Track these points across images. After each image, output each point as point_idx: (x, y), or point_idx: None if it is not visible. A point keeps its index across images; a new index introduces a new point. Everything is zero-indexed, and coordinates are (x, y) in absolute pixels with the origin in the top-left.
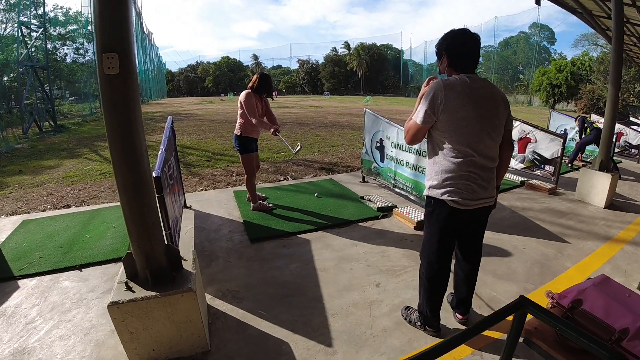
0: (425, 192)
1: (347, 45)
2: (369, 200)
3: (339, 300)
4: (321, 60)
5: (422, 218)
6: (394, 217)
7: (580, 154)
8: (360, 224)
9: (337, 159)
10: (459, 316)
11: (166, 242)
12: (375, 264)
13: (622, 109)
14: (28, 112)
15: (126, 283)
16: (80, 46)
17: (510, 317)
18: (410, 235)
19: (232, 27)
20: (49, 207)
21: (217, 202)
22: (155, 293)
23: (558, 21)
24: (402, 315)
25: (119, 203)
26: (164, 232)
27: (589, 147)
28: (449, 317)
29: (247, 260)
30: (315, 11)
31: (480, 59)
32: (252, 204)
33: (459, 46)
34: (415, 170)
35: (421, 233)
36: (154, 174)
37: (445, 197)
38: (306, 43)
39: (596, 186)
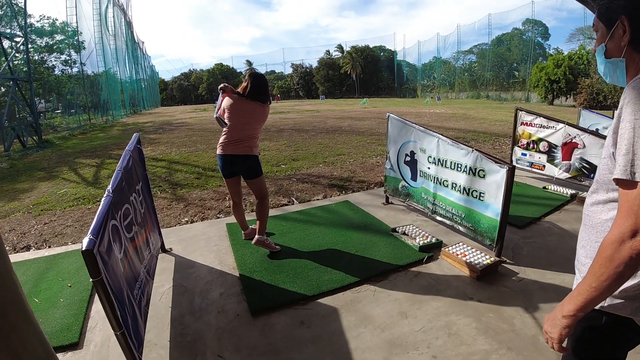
0: None
1: (340, 48)
2: (404, 233)
3: None
4: (315, 64)
5: (486, 262)
6: (442, 258)
7: None
8: (401, 272)
9: (347, 173)
10: None
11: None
12: (443, 352)
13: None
14: (10, 127)
15: None
16: (68, 57)
17: None
18: (473, 290)
19: (223, 33)
20: (7, 247)
21: (206, 241)
22: None
23: (549, 17)
24: None
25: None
26: (114, 333)
27: None
28: None
29: (249, 354)
30: (307, 16)
31: (474, 57)
32: (257, 236)
33: None
34: (468, 194)
35: (486, 285)
36: (84, 244)
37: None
38: (298, 47)
39: None
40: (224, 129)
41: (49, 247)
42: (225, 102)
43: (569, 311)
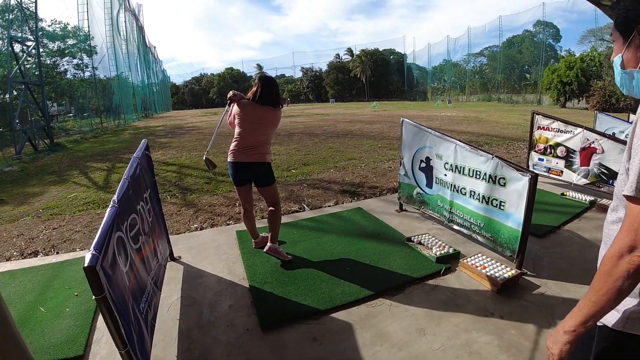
0: (607, 321)
1: (350, 52)
2: (420, 243)
3: None
4: (324, 68)
5: (507, 274)
6: (461, 270)
7: None
8: (417, 285)
9: (359, 178)
10: None
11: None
12: None
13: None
14: (21, 131)
15: None
16: (80, 61)
17: None
18: (494, 304)
19: (234, 38)
20: (15, 253)
21: (215, 249)
22: None
23: (560, 18)
24: None
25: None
26: (119, 352)
27: None
28: None
29: None
30: (316, 19)
31: (485, 59)
32: (269, 244)
33: None
34: (487, 203)
35: (507, 299)
36: (86, 260)
37: None
38: (308, 51)
39: None
40: (235, 135)
41: (57, 253)
42: (235, 108)
43: (569, 327)
